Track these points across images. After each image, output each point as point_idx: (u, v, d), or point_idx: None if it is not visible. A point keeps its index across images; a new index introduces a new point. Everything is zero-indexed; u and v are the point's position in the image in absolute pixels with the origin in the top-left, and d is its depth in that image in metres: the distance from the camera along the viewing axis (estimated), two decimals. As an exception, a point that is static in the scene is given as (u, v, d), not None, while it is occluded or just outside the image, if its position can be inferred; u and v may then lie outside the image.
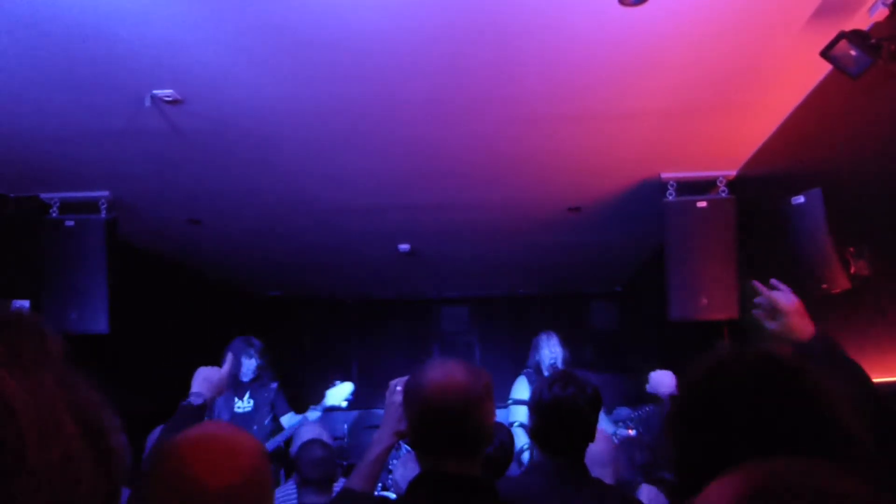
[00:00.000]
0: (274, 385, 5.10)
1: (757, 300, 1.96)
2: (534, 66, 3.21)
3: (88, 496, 0.53)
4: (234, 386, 5.01)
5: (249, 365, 5.03)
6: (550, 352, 5.04)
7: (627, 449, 3.25)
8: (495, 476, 2.41)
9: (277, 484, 4.14)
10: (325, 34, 2.91)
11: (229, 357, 2.58)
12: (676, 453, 1.01)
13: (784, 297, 1.91)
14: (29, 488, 0.48)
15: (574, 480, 2.06)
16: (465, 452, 1.56)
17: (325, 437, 3.58)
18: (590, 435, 2.15)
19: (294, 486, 3.38)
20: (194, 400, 2.21)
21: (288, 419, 4.96)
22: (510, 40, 2.99)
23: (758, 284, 1.97)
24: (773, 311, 1.91)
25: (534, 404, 2.18)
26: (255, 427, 4.84)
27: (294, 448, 3.66)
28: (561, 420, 2.10)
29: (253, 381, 5.04)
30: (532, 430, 2.19)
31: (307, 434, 3.62)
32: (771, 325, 1.92)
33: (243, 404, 5.00)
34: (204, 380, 2.27)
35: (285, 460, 4.63)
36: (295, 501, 3.28)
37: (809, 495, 0.57)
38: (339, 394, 4.74)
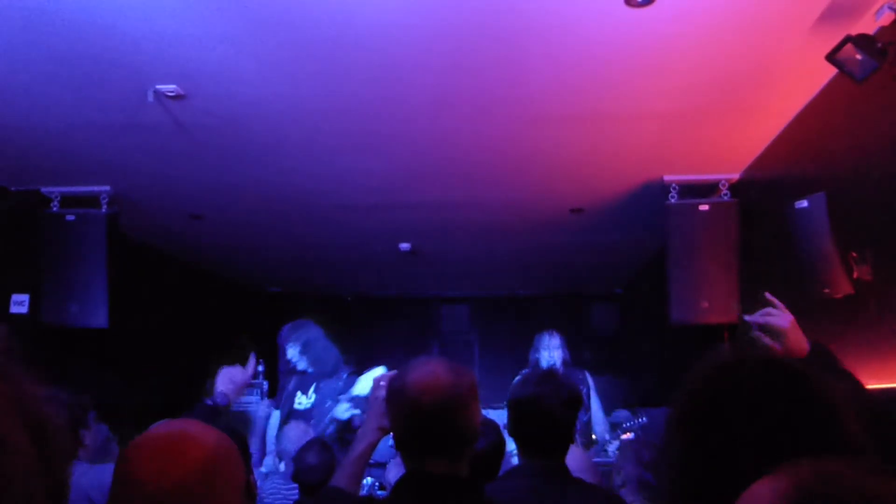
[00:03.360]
0: (344, 374, 4.65)
1: (753, 319, 1.95)
2: (538, 66, 3.20)
3: (24, 487, 0.51)
4: (299, 378, 4.65)
5: (291, 353, 4.63)
6: (549, 353, 4.99)
7: (634, 448, 3.22)
8: (487, 473, 2.39)
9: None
10: (329, 31, 2.90)
11: (252, 357, 2.50)
12: (675, 458, 1.00)
13: (780, 318, 1.91)
14: None
15: (556, 480, 2.05)
16: (450, 453, 1.53)
17: (311, 436, 3.52)
18: (567, 435, 2.12)
19: (285, 481, 3.38)
20: (220, 400, 2.16)
21: (340, 408, 4.39)
22: (515, 40, 2.98)
23: (770, 297, 1.97)
24: (771, 330, 1.91)
25: (509, 403, 2.16)
26: (312, 422, 4.41)
27: (282, 446, 3.60)
28: (535, 419, 2.08)
29: (318, 372, 4.62)
30: (509, 429, 2.17)
31: (298, 433, 3.61)
32: (769, 342, 1.92)
33: (305, 400, 4.57)
34: (229, 380, 2.23)
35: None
36: (285, 495, 3.28)
37: (855, 495, 0.56)
38: (370, 378, 4.44)
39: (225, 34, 2.93)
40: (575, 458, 2.66)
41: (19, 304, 4.50)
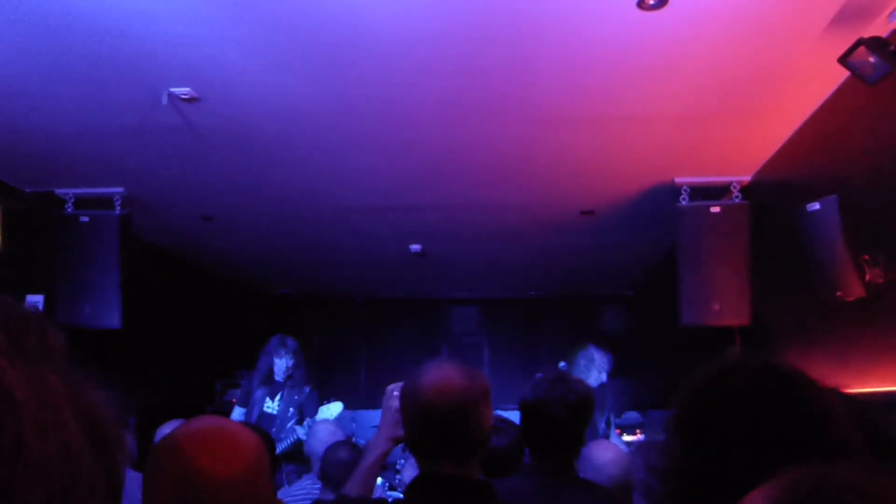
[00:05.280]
0: (307, 389, 5.16)
1: None
2: (549, 68, 3.20)
3: (87, 491, 0.53)
4: (270, 385, 5.11)
5: (281, 364, 5.09)
6: (600, 374, 4.95)
7: (643, 452, 3.21)
8: (508, 470, 2.42)
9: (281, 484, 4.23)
10: (341, 35, 2.92)
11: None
12: (673, 461, 1.01)
13: None
14: (27, 478, 0.49)
15: (559, 480, 2.06)
16: (462, 455, 1.55)
17: (338, 436, 3.65)
18: (573, 439, 2.12)
19: (314, 481, 3.41)
20: None
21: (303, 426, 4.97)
22: (526, 42, 2.99)
23: None
24: None
25: (519, 404, 2.19)
26: (273, 429, 4.89)
27: (310, 446, 3.75)
28: (540, 422, 2.10)
29: (286, 382, 5.10)
30: (520, 429, 2.22)
31: (326, 434, 3.70)
32: None
33: (273, 405, 5.07)
34: None
35: (296, 460, 4.72)
36: (317, 496, 3.31)
37: (853, 495, 0.57)
38: (330, 412, 4.86)
39: (238, 37, 2.95)
40: (607, 449, 2.67)
41: (34, 304, 4.54)
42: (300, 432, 4.83)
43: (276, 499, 1.14)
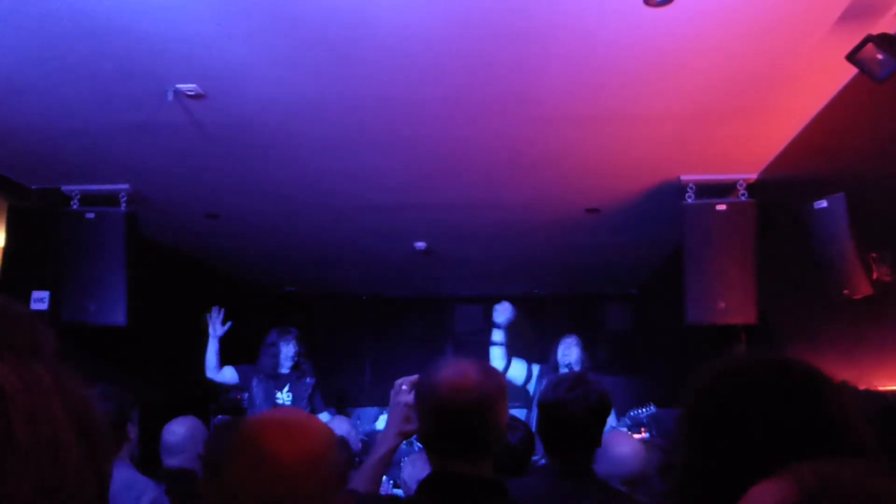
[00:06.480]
0: (311, 381, 5.19)
1: None
2: (555, 66, 3.20)
3: (75, 482, 0.54)
4: (274, 378, 5.13)
5: (287, 352, 5.12)
6: (563, 353, 5.05)
7: (646, 450, 3.20)
8: (518, 468, 2.42)
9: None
10: (347, 31, 2.92)
11: None
12: (683, 458, 1.01)
13: None
14: (17, 467, 0.50)
15: (580, 482, 2.06)
16: (477, 453, 1.54)
17: (352, 436, 3.65)
18: (590, 441, 2.13)
19: None
20: None
21: (323, 418, 5.04)
22: (532, 40, 2.98)
23: None
24: None
25: (538, 403, 2.20)
26: None
27: None
28: (558, 424, 2.11)
29: (292, 373, 5.13)
30: (537, 428, 2.23)
31: (340, 432, 3.72)
32: None
33: (283, 396, 5.10)
34: None
35: None
36: None
37: (858, 497, 0.56)
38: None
39: (244, 33, 2.95)
40: (624, 443, 2.67)
41: (39, 300, 4.56)
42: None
43: (342, 493, 1.17)
